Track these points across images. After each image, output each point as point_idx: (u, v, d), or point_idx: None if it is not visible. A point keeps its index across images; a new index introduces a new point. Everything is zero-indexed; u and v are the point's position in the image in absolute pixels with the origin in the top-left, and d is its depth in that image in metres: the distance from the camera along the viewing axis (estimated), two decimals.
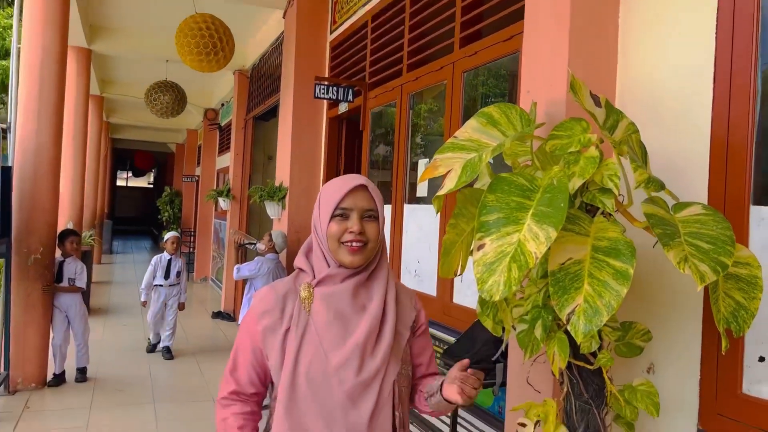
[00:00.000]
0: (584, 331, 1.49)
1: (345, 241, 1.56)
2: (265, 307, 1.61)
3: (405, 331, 1.67)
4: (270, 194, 5.78)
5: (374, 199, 1.61)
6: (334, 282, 1.60)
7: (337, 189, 1.61)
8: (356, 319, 1.58)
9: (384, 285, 1.63)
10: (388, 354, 1.58)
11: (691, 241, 1.50)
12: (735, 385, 1.83)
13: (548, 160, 2.01)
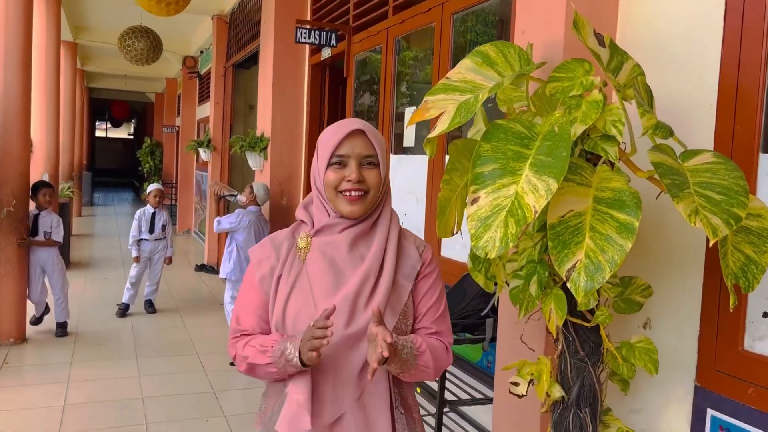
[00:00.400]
0: (585, 289, 1.39)
1: (343, 191, 1.49)
2: (261, 256, 1.58)
3: (407, 282, 1.56)
4: (251, 144, 5.60)
5: (373, 145, 1.52)
6: (333, 232, 1.53)
7: (333, 135, 1.53)
8: (351, 271, 1.51)
9: (385, 235, 1.55)
10: (382, 307, 1.47)
11: (701, 191, 1.39)
12: (736, 341, 1.76)
13: (545, 105, 1.88)
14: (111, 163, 27.65)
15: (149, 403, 4.14)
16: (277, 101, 5.52)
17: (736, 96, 1.77)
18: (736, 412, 1.75)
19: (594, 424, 1.84)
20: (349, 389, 1.47)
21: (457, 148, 1.83)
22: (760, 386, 1.69)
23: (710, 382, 1.83)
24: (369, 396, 1.49)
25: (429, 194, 3.40)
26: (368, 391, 1.49)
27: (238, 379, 4.68)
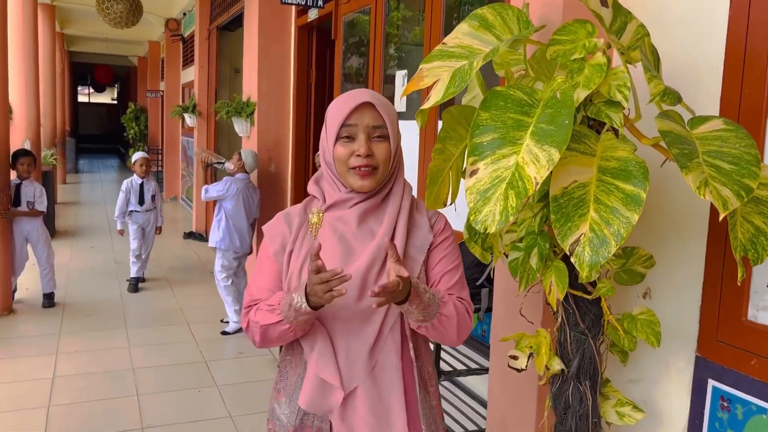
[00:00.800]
0: (590, 263, 1.33)
1: (353, 167, 1.47)
2: (273, 232, 1.57)
3: (418, 254, 1.53)
4: (237, 110, 5.47)
5: (383, 117, 1.48)
6: (344, 207, 1.52)
7: (340, 108, 1.49)
8: (362, 246, 1.49)
9: (396, 209, 1.52)
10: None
11: (710, 161, 1.32)
12: (740, 311, 1.72)
13: (544, 69, 1.81)
14: (95, 129, 27.20)
15: (140, 374, 4.10)
16: (263, 65, 5.37)
17: (744, 58, 1.69)
18: (738, 383, 1.72)
19: (594, 397, 1.80)
20: (361, 363, 1.48)
21: (451, 115, 1.75)
22: (764, 357, 1.66)
23: (712, 352, 1.80)
24: (382, 369, 1.49)
25: (421, 162, 3.33)
26: (381, 365, 1.48)
27: (229, 349, 4.65)
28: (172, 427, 3.41)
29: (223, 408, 3.66)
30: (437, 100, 1.50)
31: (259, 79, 5.38)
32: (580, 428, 1.79)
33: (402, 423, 1.49)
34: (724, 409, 1.76)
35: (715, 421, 1.79)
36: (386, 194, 1.53)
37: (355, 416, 1.49)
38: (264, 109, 5.42)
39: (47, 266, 5.44)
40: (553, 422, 1.91)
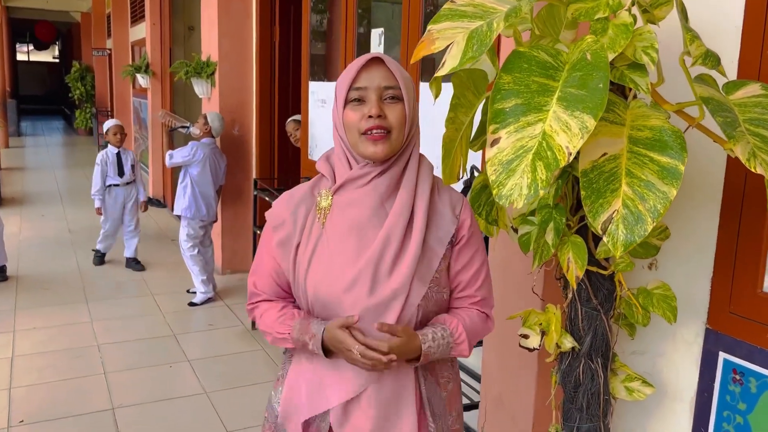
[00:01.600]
0: (625, 243, 1.23)
1: (365, 131, 1.33)
2: (276, 221, 1.44)
3: (438, 246, 1.40)
4: (197, 70, 5.19)
5: (395, 76, 1.36)
6: (358, 185, 1.38)
7: (348, 69, 1.37)
8: (375, 233, 1.35)
9: (412, 187, 1.38)
10: (410, 273, 1.34)
11: (753, 130, 1.23)
12: (755, 283, 1.66)
13: (549, 29, 1.68)
14: (37, 90, 25.94)
15: (105, 350, 3.93)
16: (223, 23, 5.08)
17: (766, 17, 1.59)
18: (752, 355, 1.67)
19: (605, 374, 1.74)
20: None
21: (460, 80, 1.61)
22: None
23: (723, 325, 1.75)
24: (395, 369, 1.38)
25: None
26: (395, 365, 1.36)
27: (198, 321, 4.50)
28: (145, 406, 3.27)
29: (197, 384, 3.52)
30: (454, 66, 1.35)
31: (219, 37, 5.09)
32: (592, 406, 1.73)
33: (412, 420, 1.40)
34: (736, 382, 1.72)
35: (726, 394, 1.75)
36: (403, 168, 1.40)
37: (360, 414, 1.40)
38: (225, 69, 5.16)
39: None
40: (560, 400, 1.85)
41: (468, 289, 1.46)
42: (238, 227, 5.38)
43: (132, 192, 5.71)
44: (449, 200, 1.44)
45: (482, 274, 1.48)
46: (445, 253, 1.41)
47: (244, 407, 3.28)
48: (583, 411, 1.74)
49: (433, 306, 1.41)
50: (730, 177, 1.70)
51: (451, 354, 1.41)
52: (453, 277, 1.46)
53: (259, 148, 5.30)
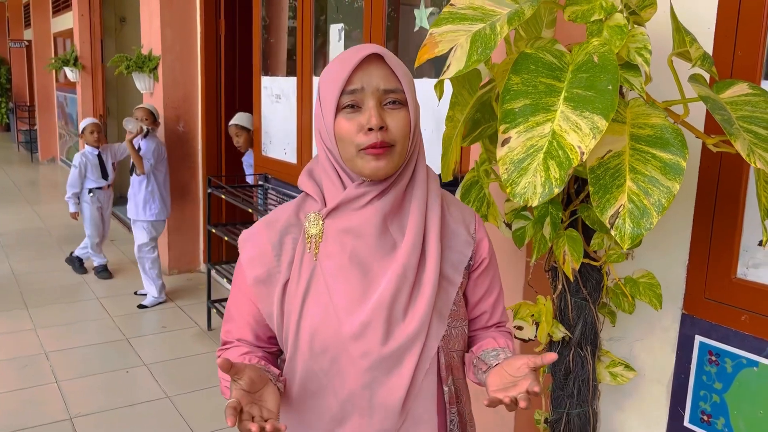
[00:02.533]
0: (632, 236, 1.29)
1: (363, 148, 1.08)
2: (252, 252, 1.17)
3: (455, 275, 1.19)
4: (138, 64, 5.01)
5: (397, 76, 1.10)
6: (354, 208, 1.13)
7: (340, 66, 1.10)
8: (382, 265, 1.12)
9: (422, 208, 1.15)
10: (428, 312, 1.12)
11: (747, 127, 1.31)
12: (728, 269, 1.77)
13: (531, 28, 1.72)
14: None
15: (55, 358, 3.76)
16: (165, 15, 4.92)
17: (738, 16, 1.69)
18: (727, 338, 1.78)
19: (594, 361, 1.82)
20: (391, 422, 1.13)
21: (458, 79, 1.64)
22: (753, 312, 1.72)
23: (699, 309, 1.85)
24: (414, 424, 1.15)
25: None
26: (413, 419, 1.15)
27: (150, 324, 4.37)
28: (106, 414, 3.15)
29: (157, 388, 3.43)
30: (460, 69, 1.36)
31: (162, 30, 4.93)
32: (583, 392, 1.80)
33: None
34: (712, 363, 1.83)
35: (702, 375, 1.86)
36: (407, 185, 1.16)
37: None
38: (169, 63, 5.00)
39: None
40: (548, 386, 1.91)
41: (490, 320, 1.30)
42: (185, 226, 5.25)
43: (111, 196, 5.27)
44: (462, 217, 1.24)
45: (501, 299, 1.32)
46: (462, 282, 1.21)
47: (211, 409, 3.22)
48: (573, 397, 1.81)
49: (455, 344, 1.20)
50: (705, 170, 1.80)
51: None
52: (472, 308, 1.28)
53: (206, 144, 5.18)
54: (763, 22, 1.65)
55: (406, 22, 3.03)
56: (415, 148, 1.18)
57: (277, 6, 4.22)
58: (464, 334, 1.24)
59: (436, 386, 1.16)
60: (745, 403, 1.75)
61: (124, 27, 7.91)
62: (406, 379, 1.12)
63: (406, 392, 1.12)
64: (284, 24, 4.17)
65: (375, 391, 1.12)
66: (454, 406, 1.21)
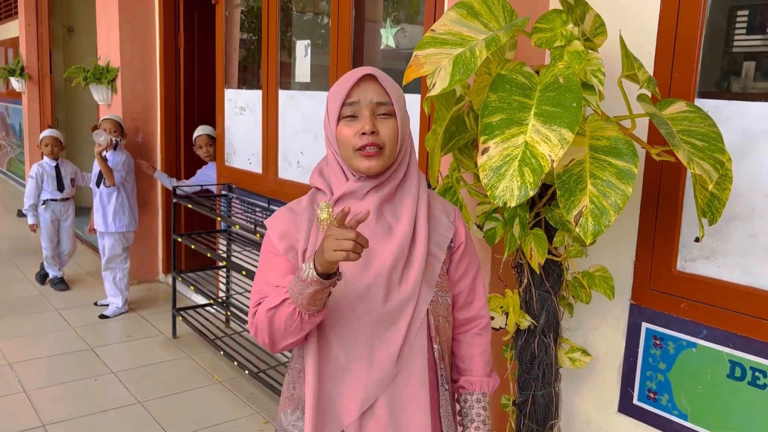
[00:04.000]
0: (593, 232, 1.51)
1: (359, 148, 1.35)
2: (281, 228, 1.42)
3: (439, 252, 1.45)
4: (96, 76, 5.03)
5: (387, 92, 1.37)
6: (356, 198, 1.40)
7: (341, 85, 1.39)
8: (381, 244, 1.37)
9: (414, 200, 1.42)
10: (419, 280, 1.38)
11: (686, 139, 1.55)
12: (670, 263, 2.03)
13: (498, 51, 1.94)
14: None
15: (19, 368, 3.75)
16: (124, 28, 4.97)
17: (675, 43, 1.95)
18: (669, 323, 2.03)
19: (556, 347, 2.04)
20: (387, 370, 1.36)
21: (437, 97, 1.83)
22: (691, 300, 1.98)
23: (645, 299, 2.10)
24: (408, 376, 1.39)
25: None
26: (406, 371, 1.38)
27: (114, 333, 4.39)
28: (79, 420, 3.19)
29: (128, 394, 3.48)
30: (444, 88, 1.57)
31: (120, 42, 4.97)
32: (547, 375, 2.02)
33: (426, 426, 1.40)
34: (656, 347, 2.08)
35: (648, 357, 2.10)
36: (400, 182, 1.43)
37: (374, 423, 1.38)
38: (128, 75, 5.04)
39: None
40: (515, 371, 2.12)
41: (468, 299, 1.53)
42: (143, 237, 5.26)
43: (68, 208, 5.21)
44: (444, 208, 1.50)
45: (479, 280, 1.55)
46: (444, 258, 1.46)
47: (184, 413, 3.30)
48: (538, 380, 2.03)
49: (441, 310, 1.44)
50: (648, 176, 2.05)
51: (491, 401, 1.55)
52: (453, 285, 1.51)
53: (165, 155, 5.23)
54: (696, 47, 1.91)
55: (372, 38, 3.22)
56: (405, 151, 1.44)
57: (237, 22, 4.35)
58: (448, 305, 1.48)
59: (427, 344, 1.41)
60: (685, 380, 2.01)
61: (72, 37, 7.84)
62: (401, 333, 1.37)
63: (401, 347, 1.36)
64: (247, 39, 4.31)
65: (375, 344, 1.36)
66: (443, 362, 1.45)
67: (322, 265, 1.21)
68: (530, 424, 2.06)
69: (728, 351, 1.90)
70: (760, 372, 1.83)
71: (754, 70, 1.94)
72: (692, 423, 1.99)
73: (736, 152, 1.83)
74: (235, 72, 4.41)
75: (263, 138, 3.91)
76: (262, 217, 3.70)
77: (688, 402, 2.00)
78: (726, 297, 1.89)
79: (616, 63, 1.81)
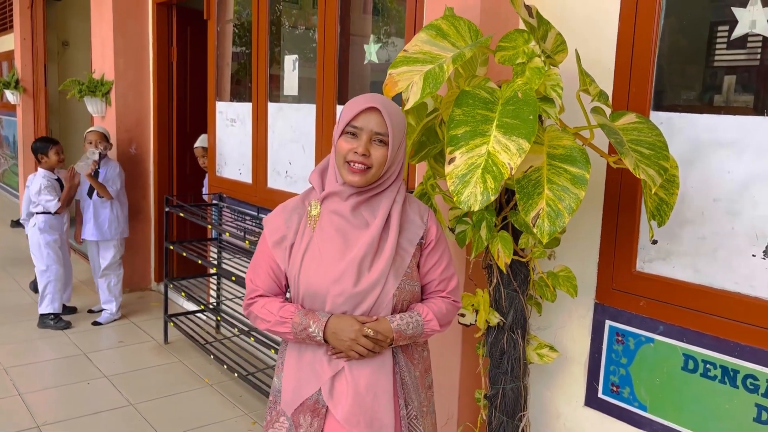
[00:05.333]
0: (549, 232, 1.65)
1: (349, 161, 1.61)
2: (273, 225, 1.71)
3: (410, 246, 1.70)
4: (91, 89, 5.17)
5: (387, 124, 1.61)
6: (340, 198, 1.66)
7: (352, 107, 1.63)
8: (357, 236, 1.64)
9: (390, 202, 1.67)
10: (386, 269, 1.63)
11: (634, 147, 1.70)
12: (630, 264, 2.17)
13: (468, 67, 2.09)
14: None
15: (14, 373, 3.85)
16: (119, 43, 5.11)
17: (631, 61, 2.11)
18: (630, 321, 2.18)
19: (524, 343, 2.17)
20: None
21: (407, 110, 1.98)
22: (650, 299, 2.12)
23: (608, 299, 2.24)
24: None
25: (318, 143, 3.50)
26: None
27: (107, 339, 4.50)
28: (72, 421, 3.30)
29: (120, 397, 3.59)
30: (416, 101, 1.74)
31: (114, 56, 5.11)
32: (515, 370, 2.15)
33: (388, 388, 1.67)
34: (619, 342, 2.22)
35: (611, 353, 2.24)
36: (379, 192, 1.68)
37: (344, 383, 1.65)
38: (122, 88, 5.18)
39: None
40: (487, 366, 2.26)
41: (440, 286, 1.77)
42: (136, 246, 5.38)
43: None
44: (418, 210, 1.75)
45: (450, 270, 1.79)
46: (414, 252, 1.71)
47: (177, 414, 3.41)
48: (507, 374, 2.16)
49: (407, 296, 1.69)
50: (609, 183, 2.20)
51: (425, 330, 1.69)
52: (424, 275, 1.75)
53: (158, 166, 5.36)
54: (650, 64, 2.07)
55: (359, 52, 3.37)
56: (392, 172, 1.69)
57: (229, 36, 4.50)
58: (415, 292, 1.72)
59: None
60: (645, 373, 2.14)
61: (67, 51, 7.98)
62: (365, 311, 1.64)
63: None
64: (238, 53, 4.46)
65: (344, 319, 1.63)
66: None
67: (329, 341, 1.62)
68: (501, 416, 2.19)
69: (682, 345, 2.04)
70: (711, 364, 1.97)
71: (702, 84, 2.10)
72: (651, 414, 2.13)
73: (687, 160, 1.99)
74: (226, 85, 4.55)
75: (253, 149, 4.05)
76: (252, 225, 3.83)
77: (647, 394, 2.14)
78: (680, 295, 2.03)
79: (569, 77, 1.97)
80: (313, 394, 1.67)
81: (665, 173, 1.65)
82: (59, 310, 4.68)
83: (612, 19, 2.15)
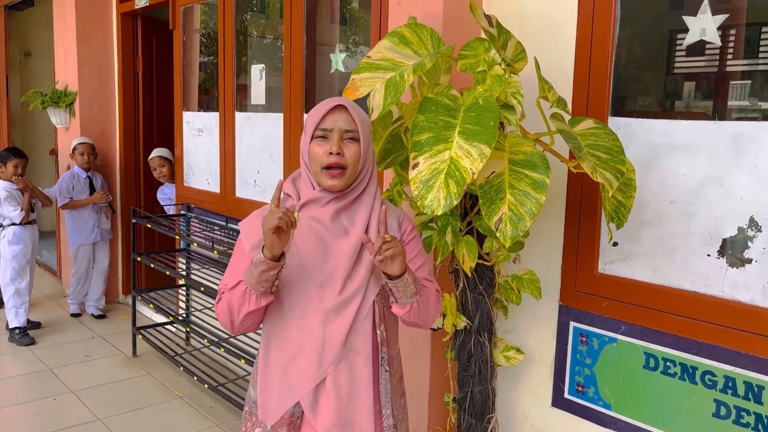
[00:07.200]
0: (512, 236, 1.69)
1: (325, 166, 1.57)
2: (248, 230, 1.66)
3: None
4: (54, 99, 5.10)
5: (355, 121, 1.59)
6: (318, 205, 1.63)
7: (318, 110, 1.62)
8: (337, 243, 1.61)
9: (368, 209, 1.65)
10: (367, 275, 1.61)
11: (592, 152, 1.75)
12: (592, 266, 2.22)
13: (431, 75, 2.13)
14: None
15: None
16: (83, 52, 5.06)
17: (590, 68, 2.17)
18: (593, 321, 2.23)
19: (491, 346, 2.21)
20: (336, 351, 1.59)
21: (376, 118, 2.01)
22: (611, 299, 2.17)
23: (572, 300, 2.29)
24: (354, 354, 1.61)
25: (286, 152, 3.51)
26: (354, 349, 1.61)
27: (73, 354, 4.42)
28: None
29: (87, 412, 3.53)
30: (381, 112, 1.77)
31: (78, 66, 5.06)
32: (483, 372, 2.19)
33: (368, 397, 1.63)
34: (583, 343, 2.27)
35: (576, 353, 2.29)
36: (358, 195, 1.65)
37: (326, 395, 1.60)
38: (86, 99, 5.12)
39: None
40: (455, 370, 2.28)
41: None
42: None
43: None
44: (395, 215, 1.73)
45: (426, 267, 1.75)
46: None
47: (146, 428, 3.37)
48: (475, 377, 2.19)
49: (387, 301, 1.64)
50: (571, 188, 2.26)
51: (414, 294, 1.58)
52: None
53: (124, 177, 5.31)
54: (607, 72, 2.13)
55: (325, 61, 3.39)
56: (366, 171, 1.66)
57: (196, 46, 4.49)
58: None
59: (371, 329, 1.64)
60: (608, 372, 2.19)
61: (29, 61, 7.84)
62: (349, 318, 1.60)
63: (348, 329, 1.59)
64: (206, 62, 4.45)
65: (327, 327, 1.59)
66: (384, 346, 1.67)
67: (267, 247, 1.48)
68: (469, 419, 2.22)
69: (643, 344, 2.09)
70: (671, 362, 2.02)
71: (659, 90, 2.17)
72: (615, 412, 2.18)
73: (644, 164, 2.05)
74: (193, 95, 4.53)
75: (221, 158, 4.04)
76: (221, 235, 3.81)
77: (611, 393, 2.19)
78: (640, 295, 2.09)
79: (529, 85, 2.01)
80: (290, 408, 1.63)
81: (622, 177, 1.70)
82: (24, 324, 4.60)
83: (570, 28, 2.21)
